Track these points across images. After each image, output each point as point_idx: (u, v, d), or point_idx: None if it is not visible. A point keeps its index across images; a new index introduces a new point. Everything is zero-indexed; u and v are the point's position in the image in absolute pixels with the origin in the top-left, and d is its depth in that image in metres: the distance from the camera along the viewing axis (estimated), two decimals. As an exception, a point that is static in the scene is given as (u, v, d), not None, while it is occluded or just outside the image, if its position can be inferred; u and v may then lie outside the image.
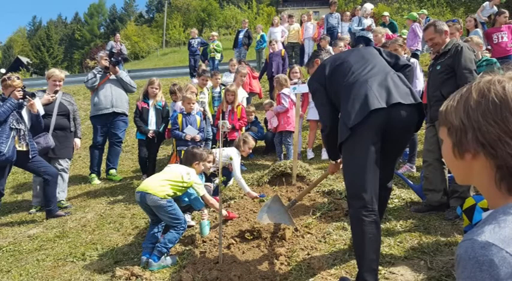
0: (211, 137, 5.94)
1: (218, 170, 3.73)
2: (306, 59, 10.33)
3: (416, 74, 4.86)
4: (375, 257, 2.28)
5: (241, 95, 6.70)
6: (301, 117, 6.16)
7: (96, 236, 4.00)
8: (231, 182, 4.89)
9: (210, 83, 6.69)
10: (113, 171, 6.09)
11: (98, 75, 5.97)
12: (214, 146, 5.81)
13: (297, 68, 6.63)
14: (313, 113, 5.85)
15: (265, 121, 6.62)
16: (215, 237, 3.43)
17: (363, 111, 2.33)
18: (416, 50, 8.38)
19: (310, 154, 6.04)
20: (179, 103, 5.59)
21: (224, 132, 5.80)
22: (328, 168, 3.24)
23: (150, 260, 3.10)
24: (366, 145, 2.35)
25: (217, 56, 11.48)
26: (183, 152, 4.30)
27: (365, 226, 2.28)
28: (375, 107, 2.30)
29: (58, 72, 5.26)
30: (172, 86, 6.39)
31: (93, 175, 6.02)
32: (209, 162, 3.86)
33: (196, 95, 5.79)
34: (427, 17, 10.58)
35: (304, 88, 4.80)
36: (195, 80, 8.09)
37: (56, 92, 5.12)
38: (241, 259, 3.02)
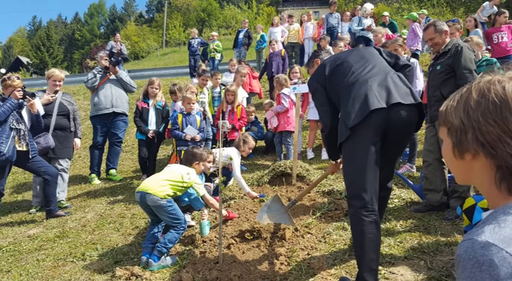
0: (211, 137, 5.94)
1: (218, 170, 3.73)
2: (306, 59, 10.32)
3: (416, 74, 4.86)
4: (375, 257, 2.28)
5: (241, 95, 6.69)
6: (301, 117, 6.16)
7: (96, 236, 4.00)
8: (231, 182, 4.89)
9: (210, 83, 6.68)
10: (113, 171, 6.10)
11: (98, 75, 5.97)
12: (214, 146, 5.81)
13: (297, 68, 6.63)
14: (313, 113, 5.85)
15: (265, 121, 6.62)
16: (215, 237, 3.43)
17: (363, 111, 2.33)
18: (416, 50, 8.38)
19: (310, 154, 6.04)
20: (179, 103, 5.59)
21: (224, 132, 5.80)
22: (328, 168, 3.24)
23: (150, 260, 3.10)
24: (366, 145, 2.35)
25: (217, 56, 11.48)
26: (183, 152, 4.30)
27: (365, 226, 2.28)
28: (375, 107, 2.30)
29: (58, 72, 5.26)
30: (172, 86, 6.39)
31: (93, 175, 6.02)
32: (209, 162, 3.86)
33: (196, 95, 5.79)
34: (427, 17, 10.58)
35: (304, 88, 4.80)
36: (195, 80, 8.09)
37: (56, 92, 5.12)
38: (241, 259, 3.02)
